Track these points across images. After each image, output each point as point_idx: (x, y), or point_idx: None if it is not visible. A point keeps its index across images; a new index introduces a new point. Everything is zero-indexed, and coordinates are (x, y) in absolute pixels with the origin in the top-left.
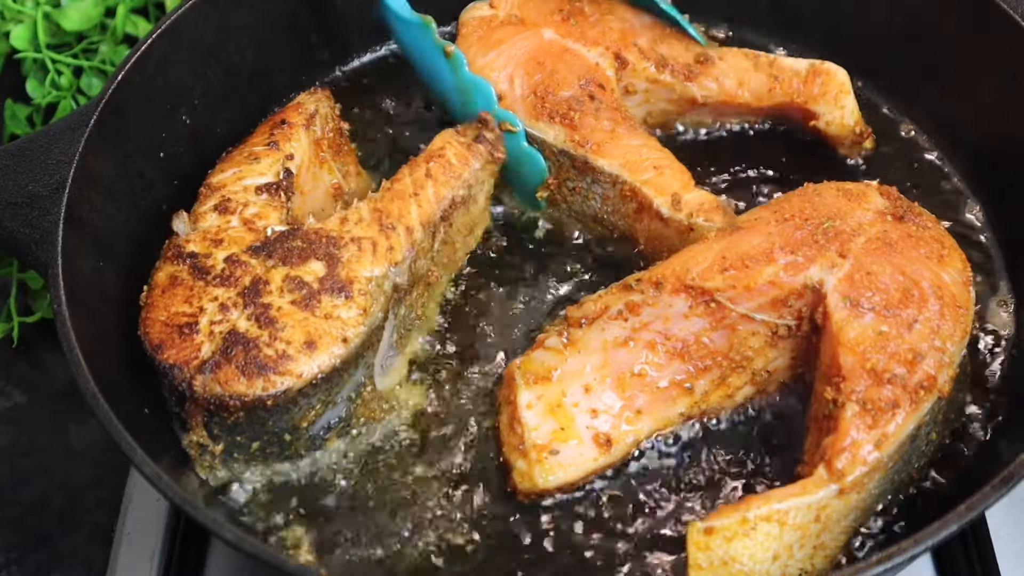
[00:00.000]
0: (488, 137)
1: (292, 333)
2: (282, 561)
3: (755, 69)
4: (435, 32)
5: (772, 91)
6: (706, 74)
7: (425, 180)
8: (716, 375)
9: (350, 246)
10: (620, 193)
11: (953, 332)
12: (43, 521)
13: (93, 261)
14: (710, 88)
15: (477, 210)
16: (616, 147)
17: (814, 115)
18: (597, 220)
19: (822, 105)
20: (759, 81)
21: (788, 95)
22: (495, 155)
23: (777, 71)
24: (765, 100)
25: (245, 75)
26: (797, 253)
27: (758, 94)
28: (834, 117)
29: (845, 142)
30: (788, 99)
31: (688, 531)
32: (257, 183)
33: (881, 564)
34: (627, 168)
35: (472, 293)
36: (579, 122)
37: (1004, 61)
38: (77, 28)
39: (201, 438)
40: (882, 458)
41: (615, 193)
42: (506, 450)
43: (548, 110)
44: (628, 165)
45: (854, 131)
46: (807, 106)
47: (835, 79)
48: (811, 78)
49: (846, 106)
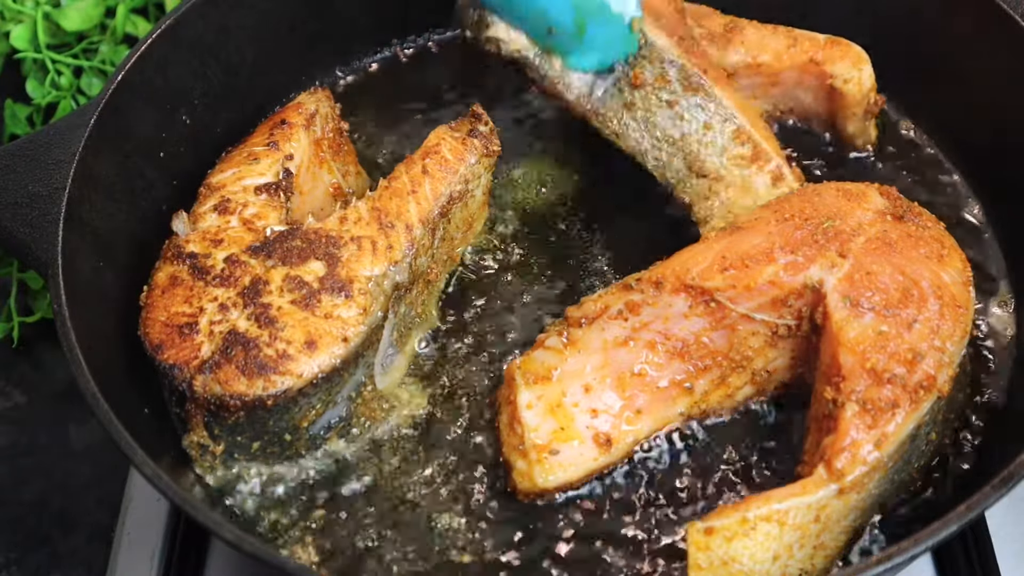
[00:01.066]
0: (482, 131)
1: (292, 333)
2: (282, 561)
3: (774, 33)
4: None
5: (791, 49)
6: (734, 40)
7: (422, 177)
8: (716, 375)
9: (350, 245)
10: (735, 132)
11: (953, 332)
12: (43, 521)
13: (93, 261)
14: (737, 55)
15: (475, 205)
16: (729, 90)
17: (831, 75)
18: (678, 144)
19: (840, 66)
20: (779, 42)
21: (806, 52)
22: (490, 148)
23: (796, 35)
24: (785, 59)
25: (245, 75)
26: (797, 253)
27: (778, 54)
28: (852, 76)
29: (859, 109)
30: (807, 58)
31: (688, 531)
32: (257, 183)
33: (881, 564)
34: (745, 113)
35: (472, 293)
36: (699, 53)
37: (1004, 61)
38: (77, 28)
39: (201, 438)
40: (882, 458)
41: (726, 129)
42: (506, 450)
43: (666, 27)
44: (745, 111)
45: (869, 98)
46: (825, 67)
47: (853, 49)
48: (830, 44)
49: (864, 70)
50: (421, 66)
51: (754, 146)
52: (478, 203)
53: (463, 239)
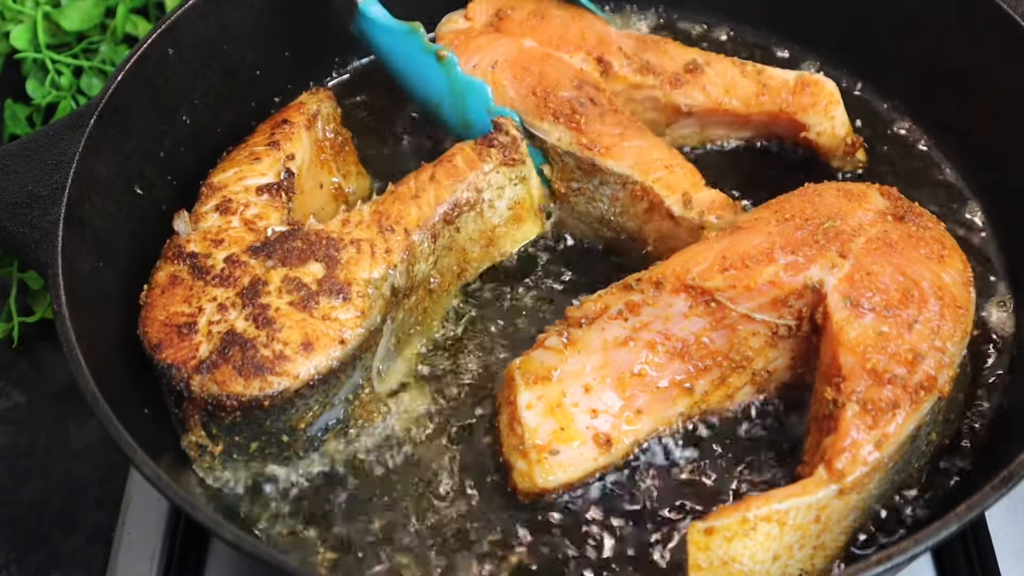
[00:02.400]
0: (502, 141)
1: (290, 334)
2: (282, 561)
3: (742, 76)
4: (424, 37)
5: (760, 99)
6: (693, 83)
7: (428, 183)
8: (716, 375)
9: (349, 248)
10: (631, 194)
11: (953, 332)
12: (43, 521)
13: (93, 261)
14: (696, 98)
15: (498, 219)
16: (625, 149)
17: (803, 126)
18: (604, 222)
19: (812, 116)
20: (747, 89)
21: (777, 104)
22: (511, 157)
23: (766, 79)
24: (753, 108)
25: (245, 75)
26: (797, 253)
27: (746, 101)
28: (824, 128)
29: (837, 153)
30: (777, 108)
31: (688, 531)
32: (258, 183)
33: (881, 564)
34: (638, 168)
35: (472, 293)
36: (585, 125)
37: (1004, 61)
38: (77, 28)
39: (200, 438)
40: (882, 458)
41: (625, 194)
42: (506, 450)
43: (552, 110)
44: (638, 165)
45: (845, 142)
46: (797, 117)
47: (824, 90)
48: (800, 88)
49: (836, 116)
50: None
51: (648, 197)
52: (502, 217)
53: (484, 254)
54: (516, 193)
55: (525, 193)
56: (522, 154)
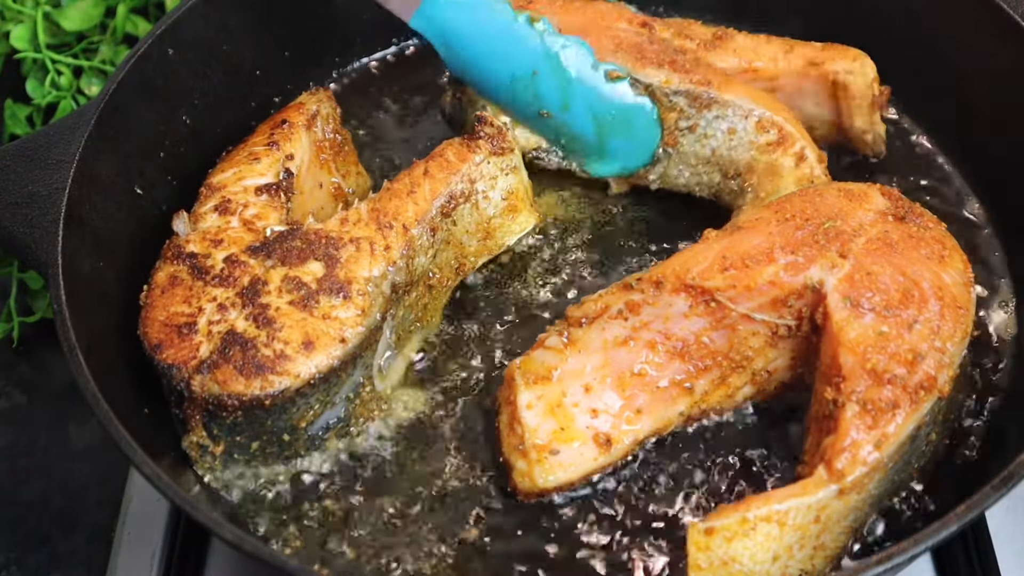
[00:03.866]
0: (488, 132)
1: (290, 333)
2: (282, 561)
3: (768, 42)
4: (510, 1)
5: (788, 56)
6: (724, 47)
7: (423, 178)
8: (716, 375)
9: (348, 246)
10: (758, 124)
11: (953, 333)
12: (43, 521)
13: (93, 261)
14: (729, 61)
15: (493, 210)
16: (740, 86)
17: (832, 72)
18: (710, 161)
19: (840, 63)
20: (775, 48)
21: (806, 57)
22: (499, 146)
23: (792, 43)
24: (782, 64)
25: (245, 75)
26: (797, 253)
27: (774, 58)
28: (853, 68)
29: (863, 103)
30: (804, 60)
31: (688, 531)
32: (257, 183)
33: (881, 564)
34: (761, 103)
35: (472, 292)
36: (690, 67)
37: (1004, 61)
38: (77, 28)
39: (201, 438)
40: (882, 458)
41: (749, 124)
42: (506, 450)
43: (651, 60)
44: (760, 101)
45: (874, 88)
46: (825, 65)
47: (851, 49)
48: (827, 47)
49: (865, 62)
50: (421, 66)
51: (779, 130)
52: (497, 208)
53: (481, 246)
54: (509, 183)
55: (518, 183)
56: (510, 143)
